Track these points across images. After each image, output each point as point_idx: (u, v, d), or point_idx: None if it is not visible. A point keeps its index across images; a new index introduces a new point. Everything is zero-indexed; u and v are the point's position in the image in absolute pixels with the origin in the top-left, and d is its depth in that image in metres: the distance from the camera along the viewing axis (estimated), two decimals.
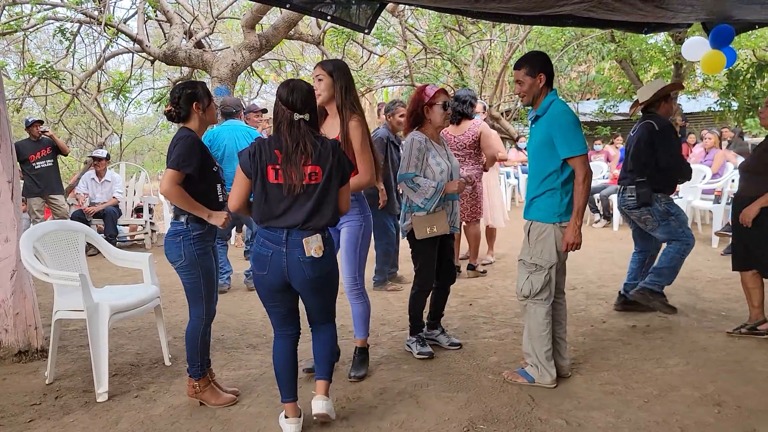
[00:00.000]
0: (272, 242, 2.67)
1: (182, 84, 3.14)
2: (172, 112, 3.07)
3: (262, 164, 2.64)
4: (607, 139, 14.19)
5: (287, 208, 2.64)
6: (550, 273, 3.28)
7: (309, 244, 2.64)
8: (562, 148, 3.16)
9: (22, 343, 3.89)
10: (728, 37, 4.93)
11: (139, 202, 8.87)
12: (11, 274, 3.84)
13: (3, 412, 3.16)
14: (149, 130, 23.52)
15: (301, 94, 2.67)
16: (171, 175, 2.90)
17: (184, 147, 2.93)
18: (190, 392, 3.18)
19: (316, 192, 2.65)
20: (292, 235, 2.65)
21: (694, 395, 3.18)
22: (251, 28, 9.04)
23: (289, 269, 2.67)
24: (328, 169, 2.66)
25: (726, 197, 7.66)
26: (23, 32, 10.23)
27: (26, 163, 7.69)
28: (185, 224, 3.02)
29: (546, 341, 3.30)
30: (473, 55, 15.04)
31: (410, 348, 3.91)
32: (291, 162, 2.60)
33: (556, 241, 3.25)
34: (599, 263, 6.64)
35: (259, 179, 2.65)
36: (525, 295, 3.34)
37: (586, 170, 3.16)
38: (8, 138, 3.89)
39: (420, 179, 3.68)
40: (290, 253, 2.65)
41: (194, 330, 3.11)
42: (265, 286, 2.74)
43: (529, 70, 3.27)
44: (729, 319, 4.44)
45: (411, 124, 3.85)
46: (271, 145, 2.66)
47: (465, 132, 5.74)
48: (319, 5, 4.11)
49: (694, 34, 9.29)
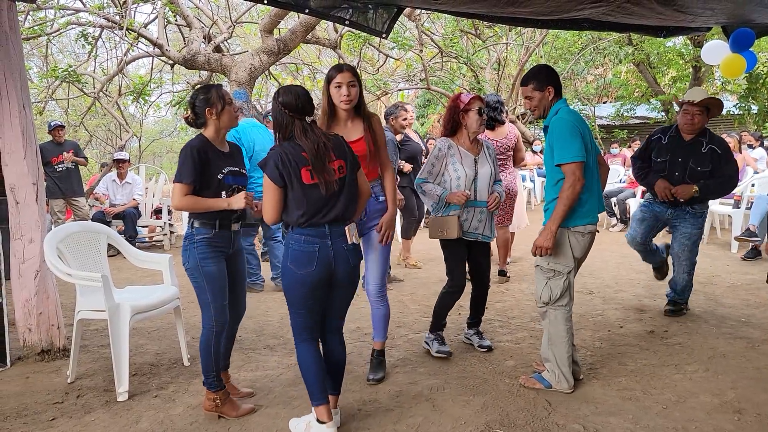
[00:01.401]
0: (317, 237, 2.73)
1: (198, 88, 3.15)
2: (190, 119, 3.11)
3: (294, 169, 2.67)
4: (624, 143, 14.08)
5: (327, 204, 2.73)
6: (568, 278, 3.28)
7: (351, 231, 2.82)
8: (556, 154, 3.18)
9: (44, 343, 3.96)
10: (749, 41, 4.89)
11: (158, 204, 8.98)
12: (35, 275, 3.91)
13: (26, 410, 3.22)
14: (168, 133, 23.81)
15: (306, 98, 2.75)
16: (178, 188, 2.95)
17: (182, 159, 2.96)
18: (208, 406, 3.11)
19: (346, 184, 2.79)
20: (334, 227, 2.76)
21: (714, 402, 3.15)
22: (269, 33, 9.12)
23: (336, 260, 2.76)
24: (349, 160, 2.82)
25: (746, 202, 7.58)
26: (47, 37, 10.40)
27: (48, 165, 7.83)
28: (191, 228, 3.06)
29: (567, 347, 3.29)
30: (489, 58, 15.03)
31: (428, 345, 3.95)
32: (322, 161, 2.69)
33: (570, 246, 3.25)
34: (616, 267, 6.60)
35: (295, 183, 2.68)
36: (545, 301, 3.32)
37: (573, 179, 3.11)
38: (33, 141, 3.97)
39: (427, 185, 3.82)
40: (335, 243, 2.76)
41: (206, 339, 3.08)
42: (309, 283, 2.72)
43: (537, 85, 3.30)
44: (749, 326, 4.40)
45: (448, 132, 3.91)
46: (296, 150, 2.69)
47: (507, 135, 5.75)
48: (337, 10, 4.13)
49: (714, 37, 9.21)
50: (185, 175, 2.94)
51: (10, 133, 3.86)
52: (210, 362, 3.08)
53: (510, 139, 5.76)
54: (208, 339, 3.07)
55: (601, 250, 7.69)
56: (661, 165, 4.61)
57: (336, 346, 2.96)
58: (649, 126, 16.95)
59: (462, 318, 4.49)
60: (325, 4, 4.07)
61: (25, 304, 3.91)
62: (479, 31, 13.55)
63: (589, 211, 3.26)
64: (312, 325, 2.83)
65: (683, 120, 4.51)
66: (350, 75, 3.22)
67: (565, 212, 3.15)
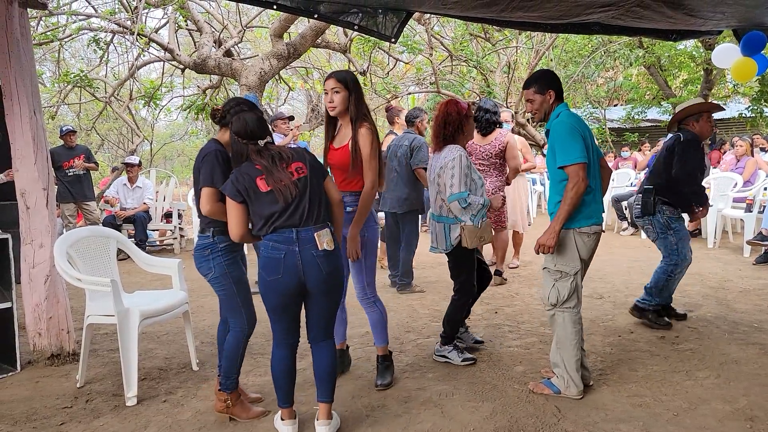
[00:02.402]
0: (283, 243, 2.67)
1: (243, 103, 3.08)
2: (218, 114, 3.08)
3: (250, 181, 2.70)
4: (635, 146, 14.00)
5: (288, 207, 2.69)
6: (576, 279, 3.26)
7: (321, 237, 2.70)
8: (558, 156, 3.19)
9: (54, 347, 3.99)
10: (760, 44, 4.83)
11: (169, 208, 9.02)
12: (45, 279, 3.94)
13: (36, 415, 3.24)
14: (179, 137, 23.92)
15: (255, 123, 2.78)
16: (208, 193, 2.94)
17: (212, 163, 2.97)
18: (220, 407, 3.12)
19: (308, 182, 2.75)
20: (302, 233, 2.68)
21: (726, 409, 3.12)
22: (279, 37, 9.15)
23: (305, 267, 2.68)
24: (309, 162, 2.80)
25: (758, 205, 7.51)
26: (59, 42, 10.49)
27: (60, 169, 7.90)
28: (212, 237, 3.05)
29: (575, 351, 3.27)
30: (499, 61, 15.00)
31: (448, 358, 3.87)
32: (274, 170, 2.70)
33: (577, 247, 3.24)
34: (627, 272, 6.55)
35: (253, 195, 2.70)
36: (552, 303, 3.31)
37: (576, 180, 3.10)
38: (44, 146, 4.00)
39: (471, 197, 3.62)
40: (303, 250, 2.67)
41: (236, 342, 3.08)
42: (278, 292, 2.71)
43: (538, 89, 3.32)
44: (762, 332, 4.35)
45: (448, 139, 3.77)
46: (250, 165, 2.74)
47: (491, 142, 5.70)
48: (346, 15, 4.15)
49: (725, 40, 9.14)
50: (217, 180, 2.94)
51: (21, 139, 3.90)
52: (234, 365, 3.11)
53: (494, 146, 5.68)
54: (238, 342, 3.09)
55: (612, 254, 7.64)
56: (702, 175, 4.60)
57: (318, 355, 2.87)
58: (660, 129, 16.86)
59: (471, 325, 4.47)
60: (335, 9, 4.08)
61: (35, 308, 3.94)
62: (489, 34, 13.52)
63: (593, 212, 3.25)
64: (286, 331, 2.82)
65: (708, 127, 4.49)
66: (334, 81, 3.29)
67: (569, 213, 3.16)
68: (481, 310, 5.01)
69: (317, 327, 2.85)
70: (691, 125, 4.47)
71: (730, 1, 3.73)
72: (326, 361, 2.86)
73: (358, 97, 3.32)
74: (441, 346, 3.95)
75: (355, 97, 3.31)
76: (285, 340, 2.84)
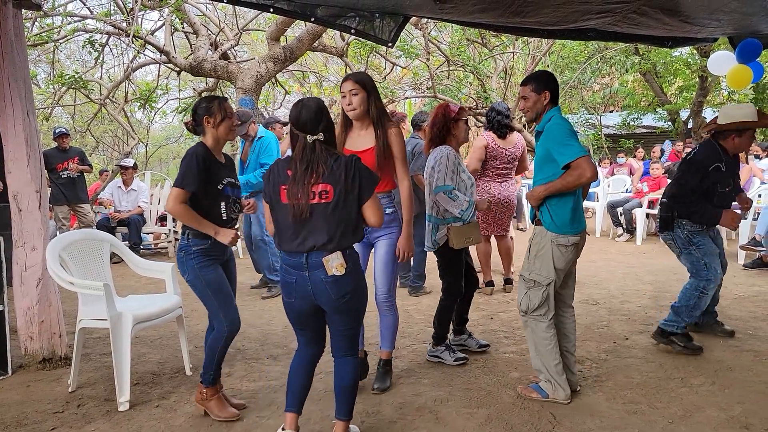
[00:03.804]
0: (294, 268, 2.61)
1: (203, 98, 3.20)
2: (189, 125, 3.15)
3: (276, 186, 2.62)
4: (630, 152, 14.04)
5: (299, 230, 2.57)
6: (548, 289, 3.27)
7: (329, 263, 2.56)
8: (561, 156, 3.11)
9: (46, 351, 3.95)
10: (755, 52, 4.85)
11: (163, 211, 8.98)
12: (37, 282, 3.90)
13: (26, 420, 3.20)
14: (174, 139, 23.89)
15: (311, 113, 2.59)
16: (175, 193, 2.95)
17: (187, 165, 2.97)
18: (197, 397, 3.20)
19: (329, 210, 2.54)
20: (312, 257, 2.57)
21: (720, 417, 3.11)
22: (276, 40, 9.15)
23: (314, 291, 2.60)
24: (342, 186, 2.54)
25: (752, 212, 7.53)
26: (54, 43, 10.46)
27: (53, 171, 7.86)
28: (186, 239, 3.07)
29: (554, 355, 3.28)
30: (496, 67, 15.03)
31: (440, 358, 3.94)
32: (298, 183, 2.54)
33: (553, 257, 3.24)
34: (622, 278, 6.55)
35: (274, 202, 2.63)
36: (524, 310, 3.35)
37: (581, 170, 3.02)
38: (37, 148, 3.97)
39: (458, 194, 3.78)
40: (313, 275, 2.58)
41: (215, 342, 3.13)
42: (294, 312, 2.70)
43: (535, 87, 3.31)
44: (756, 339, 4.35)
45: (435, 140, 3.94)
46: (284, 166, 2.63)
47: (515, 144, 5.71)
48: (343, 19, 4.14)
49: (720, 47, 9.18)
50: (188, 182, 2.95)
51: (13, 141, 3.87)
52: (212, 363, 3.14)
53: (518, 149, 5.73)
54: (216, 341, 3.13)
55: (607, 260, 7.64)
56: (728, 195, 4.17)
57: (339, 370, 2.76)
58: (655, 135, 16.92)
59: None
60: (332, 13, 4.07)
61: (26, 312, 3.90)
62: (486, 40, 13.55)
63: (573, 221, 3.23)
64: (308, 342, 2.80)
65: (749, 143, 4.13)
66: (351, 83, 3.27)
67: (560, 189, 3.12)
68: (476, 316, 5.00)
69: (338, 343, 2.76)
70: (731, 139, 4.03)
71: (726, 8, 3.73)
72: (346, 377, 2.74)
73: (376, 98, 3.33)
74: (433, 346, 4.00)
75: (375, 97, 3.32)
76: (307, 348, 2.82)
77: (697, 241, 4.06)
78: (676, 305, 4.12)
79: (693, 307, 4.06)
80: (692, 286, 4.07)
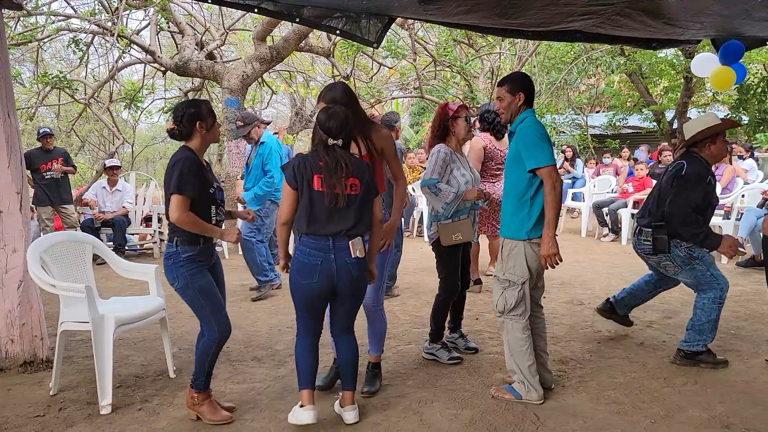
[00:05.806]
0: (320, 251, 2.88)
1: (186, 102, 3.18)
2: (175, 131, 3.09)
3: (308, 174, 2.85)
4: (616, 153, 14.12)
5: (332, 216, 2.87)
6: (523, 288, 3.29)
7: (355, 245, 2.91)
8: (528, 160, 3.17)
9: (27, 354, 3.90)
10: (738, 54, 4.89)
11: (149, 211, 8.91)
12: (18, 285, 3.86)
13: (7, 424, 3.16)
14: (161, 139, 23.72)
15: (338, 121, 2.89)
16: (177, 201, 2.92)
17: (186, 169, 2.94)
18: (188, 403, 3.18)
19: (357, 202, 2.91)
20: (338, 241, 2.89)
21: (702, 417, 3.13)
22: (262, 40, 9.11)
23: (338, 273, 2.89)
24: (365, 181, 2.94)
25: (735, 213, 7.61)
26: (38, 42, 10.35)
27: (37, 172, 7.77)
28: (175, 246, 3.03)
29: (528, 356, 3.30)
30: (482, 67, 15.07)
31: (435, 356, 3.97)
32: (333, 175, 2.84)
33: (527, 257, 3.26)
34: (607, 278, 6.59)
35: (305, 188, 2.86)
36: (500, 310, 3.37)
37: (552, 181, 3.13)
38: (18, 149, 3.92)
39: (442, 185, 3.87)
40: (338, 257, 2.89)
41: (206, 348, 3.09)
42: (311, 294, 2.92)
43: (510, 88, 3.33)
44: (738, 338, 4.39)
45: (436, 139, 4.01)
46: (314, 158, 2.89)
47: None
48: (329, 20, 4.13)
49: (704, 49, 9.25)
50: (187, 187, 2.93)
51: None
52: (203, 368, 3.12)
53: None
54: (208, 348, 3.11)
55: (592, 260, 7.68)
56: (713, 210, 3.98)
57: (342, 347, 3.12)
58: (641, 136, 17.03)
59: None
60: (318, 14, 4.06)
61: (7, 314, 3.85)
62: (472, 40, 13.59)
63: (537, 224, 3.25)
64: (310, 326, 3.04)
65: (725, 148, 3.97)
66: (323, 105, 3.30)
67: (555, 216, 3.18)
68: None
69: (342, 324, 3.10)
70: (706, 148, 3.88)
71: (708, 11, 3.77)
72: (350, 351, 3.11)
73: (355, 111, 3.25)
74: (429, 344, 4.04)
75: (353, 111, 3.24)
76: (309, 332, 3.05)
77: (698, 254, 3.88)
78: (697, 324, 3.89)
79: (716, 320, 3.88)
80: (710, 300, 3.87)
